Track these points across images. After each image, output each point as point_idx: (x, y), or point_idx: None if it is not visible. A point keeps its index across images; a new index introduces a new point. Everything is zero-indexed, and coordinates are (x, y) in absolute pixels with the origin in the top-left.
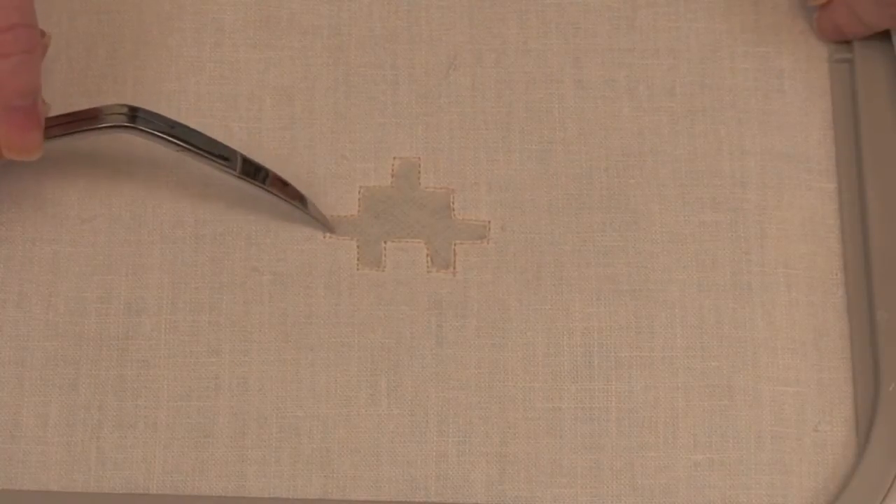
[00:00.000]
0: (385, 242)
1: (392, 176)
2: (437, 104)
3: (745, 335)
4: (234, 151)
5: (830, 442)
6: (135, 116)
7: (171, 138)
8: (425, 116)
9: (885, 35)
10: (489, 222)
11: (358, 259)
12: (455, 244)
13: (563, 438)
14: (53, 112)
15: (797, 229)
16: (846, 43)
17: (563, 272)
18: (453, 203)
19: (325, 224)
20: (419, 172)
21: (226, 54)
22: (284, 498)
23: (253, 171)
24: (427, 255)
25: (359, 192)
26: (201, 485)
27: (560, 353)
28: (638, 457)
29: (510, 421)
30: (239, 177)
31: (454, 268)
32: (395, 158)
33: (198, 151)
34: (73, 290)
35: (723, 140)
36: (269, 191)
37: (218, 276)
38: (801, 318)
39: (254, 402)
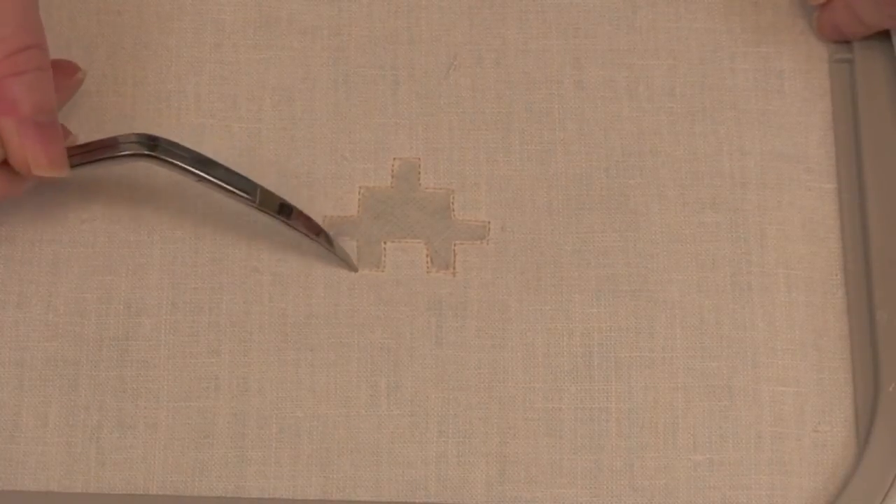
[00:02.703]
0: (385, 243)
1: (392, 176)
2: (437, 104)
3: (744, 336)
4: (253, 184)
5: (830, 442)
6: (155, 146)
7: (191, 168)
8: (425, 116)
9: (885, 35)
10: (489, 222)
11: (358, 259)
12: (455, 244)
13: (563, 439)
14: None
15: (797, 230)
16: (846, 43)
17: (563, 272)
18: (453, 203)
19: (348, 263)
20: (419, 173)
21: (226, 54)
22: (284, 499)
23: (273, 204)
24: (427, 256)
25: (359, 193)
26: (201, 485)
27: (560, 354)
28: (638, 457)
29: (510, 421)
30: (259, 209)
31: (454, 268)
32: (394, 159)
33: (218, 183)
34: (73, 290)
35: (723, 140)
36: (290, 225)
37: (218, 276)
38: (801, 319)
39: (254, 403)
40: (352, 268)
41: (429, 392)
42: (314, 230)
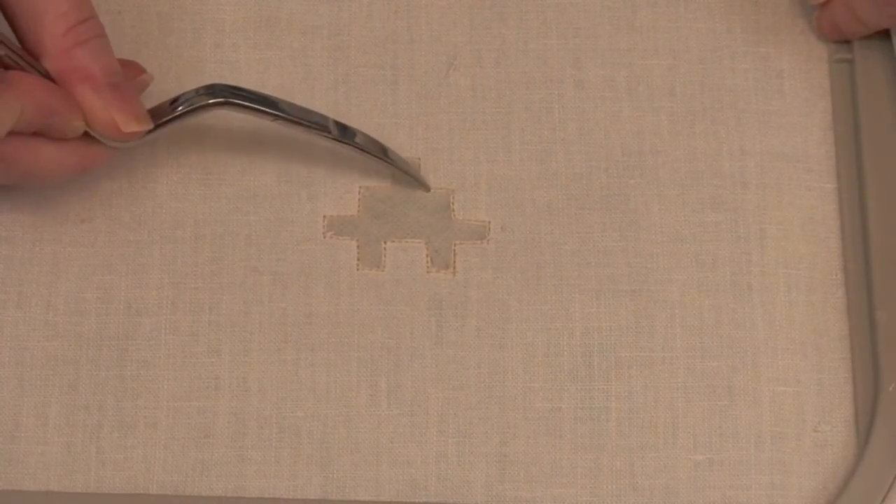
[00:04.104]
0: (385, 242)
1: (392, 176)
2: (437, 104)
3: (744, 335)
4: (325, 117)
5: (830, 442)
6: (229, 93)
7: (265, 109)
8: (425, 116)
9: (885, 35)
10: (489, 222)
11: (358, 259)
12: (455, 244)
13: (563, 439)
14: None
15: (797, 230)
16: (846, 43)
17: (563, 272)
18: (453, 203)
19: (423, 184)
20: (419, 172)
21: (226, 54)
22: (284, 498)
23: (344, 133)
24: (427, 256)
25: (359, 193)
26: (201, 485)
27: (560, 354)
28: (638, 457)
29: (510, 421)
30: (336, 140)
31: (454, 268)
32: None
33: (293, 119)
34: (73, 290)
35: (723, 140)
36: (367, 152)
37: (218, 276)
38: (801, 319)
39: (254, 403)
40: (426, 188)
41: (429, 392)
42: (392, 157)
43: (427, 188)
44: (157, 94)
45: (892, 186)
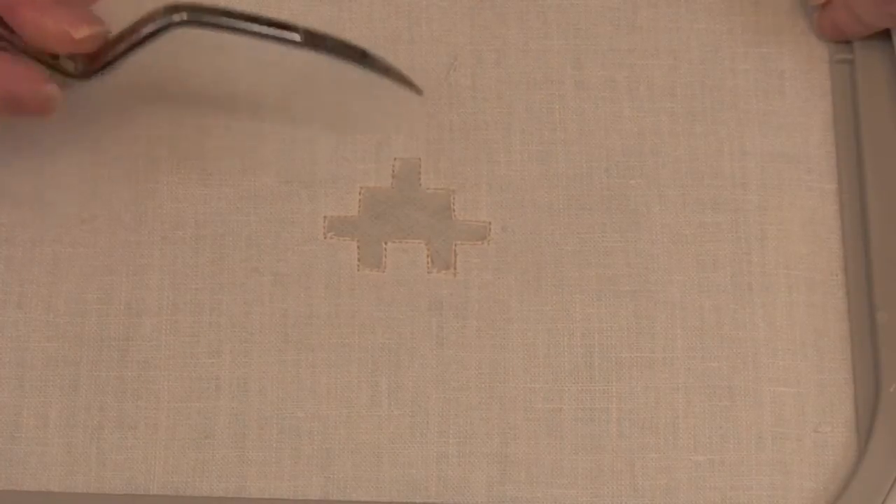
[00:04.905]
0: (385, 243)
1: (392, 177)
2: (437, 104)
3: (745, 336)
4: (294, 25)
5: (831, 443)
6: (187, 11)
7: (232, 22)
8: (425, 116)
9: (885, 35)
10: (489, 223)
11: (358, 260)
12: (455, 245)
13: (564, 439)
14: None
15: (798, 230)
16: (846, 43)
17: (564, 273)
18: (454, 204)
19: (414, 88)
20: (419, 173)
21: (226, 54)
22: (285, 499)
23: (318, 40)
24: (427, 256)
25: (359, 193)
26: (202, 486)
27: (560, 354)
28: (638, 458)
29: (511, 422)
30: (306, 47)
31: (454, 268)
32: (395, 159)
33: (263, 33)
34: (73, 290)
35: (723, 141)
36: (344, 58)
37: (218, 276)
38: (802, 319)
39: (254, 403)
40: (417, 91)
41: (430, 392)
42: (379, 65)
43: (419, 91)
44: (158, 93)
45: (892, 186)
